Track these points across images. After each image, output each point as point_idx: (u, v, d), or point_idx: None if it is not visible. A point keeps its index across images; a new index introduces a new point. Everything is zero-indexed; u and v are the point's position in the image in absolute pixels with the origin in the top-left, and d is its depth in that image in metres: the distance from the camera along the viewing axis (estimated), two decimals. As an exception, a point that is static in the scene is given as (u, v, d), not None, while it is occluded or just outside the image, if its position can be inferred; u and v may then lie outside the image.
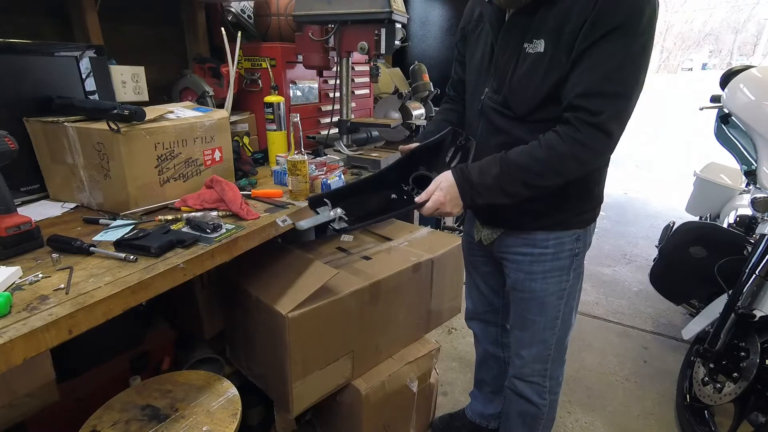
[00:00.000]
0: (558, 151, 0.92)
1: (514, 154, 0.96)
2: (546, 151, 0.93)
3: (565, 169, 0.94)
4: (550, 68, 0.92)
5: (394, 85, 2.52)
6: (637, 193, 5.03)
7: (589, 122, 0.88)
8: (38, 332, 0.67)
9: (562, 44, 0.90)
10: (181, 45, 1.82)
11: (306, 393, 1.29)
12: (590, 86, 0.87)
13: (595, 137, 0.89)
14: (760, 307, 1.54)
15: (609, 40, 0.85)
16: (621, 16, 0.84)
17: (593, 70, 0.87)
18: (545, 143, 0.93)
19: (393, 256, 1.53)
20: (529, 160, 0.94)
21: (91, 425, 0.96)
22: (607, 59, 0.86)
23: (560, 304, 1.17)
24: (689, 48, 30.87)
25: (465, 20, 1.17)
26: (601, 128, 0.88)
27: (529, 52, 0.95)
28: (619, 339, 2.37)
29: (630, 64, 0.87)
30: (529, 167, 0.95)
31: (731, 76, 1.93)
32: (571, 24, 0.88)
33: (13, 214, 0.90)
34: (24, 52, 1.17)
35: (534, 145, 0.95)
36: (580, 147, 0.90)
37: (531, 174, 0.95)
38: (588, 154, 0.92)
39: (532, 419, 1.32)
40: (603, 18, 0.84)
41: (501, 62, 1.02)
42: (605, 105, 0.87)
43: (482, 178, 0.97)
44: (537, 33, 0.93)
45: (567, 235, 1.12)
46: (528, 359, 1.24)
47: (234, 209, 1.13)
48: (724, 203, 2.52)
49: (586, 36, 0.86)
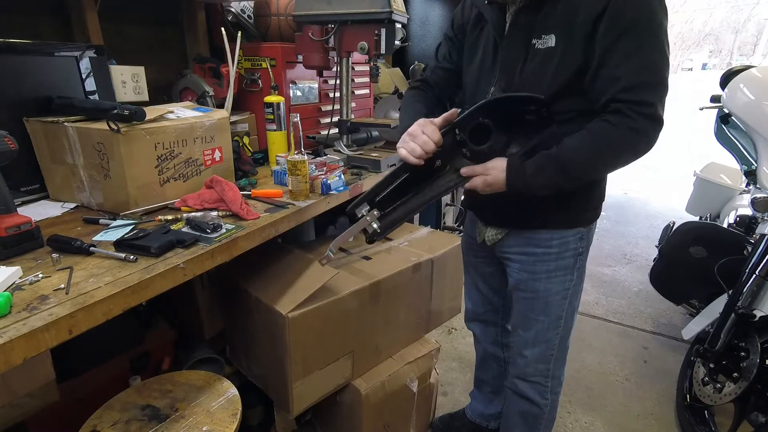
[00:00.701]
0: (614, 141, 0.92)
1: (567, 150, 0.94)
2: (601, 142, 0.93)
3: (620, 160, 0.95)
4: (562, 62, 0.93)
5: (394, 85, 2.52)
6: (637, 193, 5.03)
7: (643, 113, 0.89)
8: (38, 332, 0.67)
9: (574, 38, 0.91)
10: (181, 45, 1.82)
11: (306, 393, 1.29)
12: (631, 80, 0.88)
13: (649, 126, 0.90)
14: (760, 307, 1.54)
15: (634, 31, 0.87)
16: (637, 5, 0.86)
17: (628, 63, 0.88)
18: (599, 134, 0.92)
19: (393, 256, 1.53)
20: (585, 154, 0.94)
21: (91, 425, 0.96)
22: (639, 49, 0.87)
23: (564, 304, 1.17)
24: (689, 48, 30.85)
25: (464, 17, 1.16)
26: (655, 117, 0.90)
27: (538, 47, 0.96)
28: (619, 339, 2.37)
29: (660, 51, 0.89)
30: (586, 162, 0.95)
31: (731, 76, 1.94)
32: (580, 17, 0.89)
33: (13, 214, 0.90)
34: (24, 52, 1.17)
35: (584, 138, 0.94)
36: (636, 135, 0.91)
37: (587, 169, 0.96)
38: (643, 143, 0.92)
39: (534, 419, 1.32)
40: (621, 10, 0.86)
41: (508, 60, 1.02)
42: (652, 95, 0.89)
43: (537, 179, 0.96)
44: (546, 28, 0.94)
45: (571, 234, 1.11)
46: (531, 359, 1.24)
47: (234, 209, 1.13)
48: (724, 203, 2.52)
49: (609, 30, 0.87)
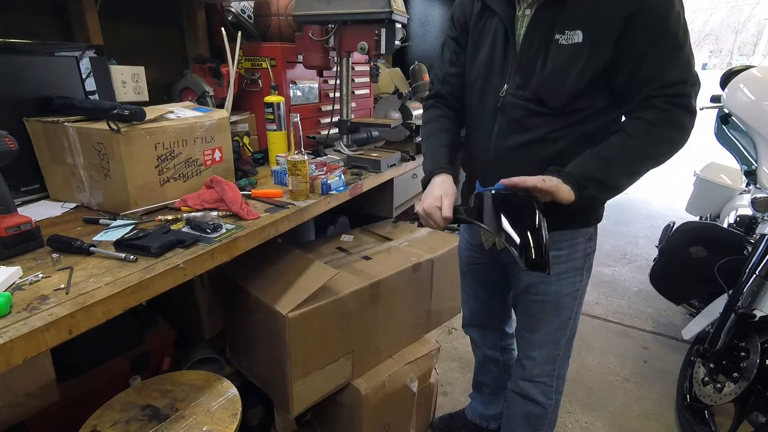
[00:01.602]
0: (654, 137, 0.92)
1: (612, 152, 0.94)
2: (642, 140, 0.93)
3: (662, 155, 0.95)
4: (590, 58, 0.92)
5: (394, 85, 2.52)
6: (637, 193, 5.03)
7: (678, 104, 0.90)
8: (38, 332, 0.67)
9: (603, 34, 0.90)
10: (181, 45, 1.82)
11: (306, 393, 1.29)
12: (667, 78, 0.89)
13: (685, 117, 0.91)
14: (760, 307, 1.54)
15: (668, 33, 0.88)
16: (668, 6, 0.87)
17: (665, 64, 0.89)
18: (638, 133, 0.93)
19: (393, 256, 1.53)
20: (629, 156, 0.94)
21: (91, 425, 0.96)
22: (673, 51, 0.89)
23: (574, 305, 1.17)
24: (689, 48, 30.77)
25: (464, 14, 1.12)
26: (687, 107, 0.91)
27: (562, 43, 0.93)
28: (619, 339, 2.37)
29: (689, 50, 0.90)
30: (632, 163, 0.95)
31: (731, 76, 1.93)
32: (610, 13, 0.88)
33: (13, 214, 0.90)
34: (24, 52, 1.17)
35: (623, 138, 0.94)
36: (674, 128, 0.92)
37: (632, 170, 0.96)
38: (681, 135, 0.93)
39: (537, 420, 1.31)
40: (653, 11, 0.87)
41: (526, 56, 0.98)
42: (684, 88, 0.90)
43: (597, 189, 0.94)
44: (571, 24, 0.92)
45: (580, 234, 1.11)
46: (539, 360, 1.23)
47: (234, 209, 1.13)
48: (724, 203, 2.53)
49: (644, 31, 0.88)
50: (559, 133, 0.99)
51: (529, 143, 1.01)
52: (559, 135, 0.99)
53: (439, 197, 1.01)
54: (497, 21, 1.02)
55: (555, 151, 1.00)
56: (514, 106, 1.02)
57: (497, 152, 1.06)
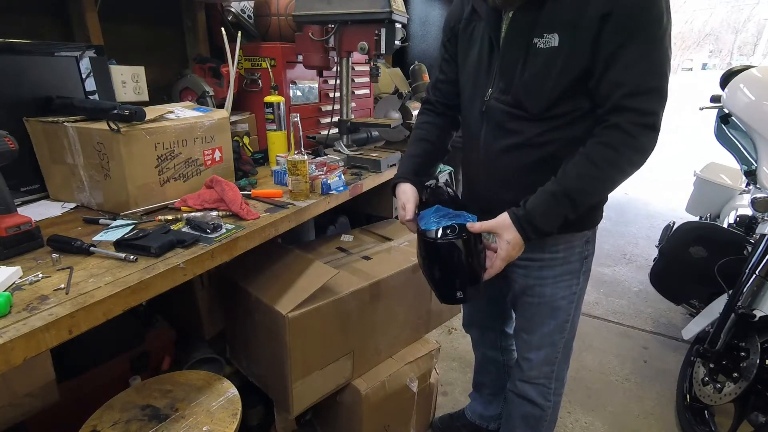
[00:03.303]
0: (617, 163, 0.91)
1: (571, 181, 0.92)
2: (604, 167, 0.91)
3: (623, 177, 0.94)
4: (567, 62, 0.89)
5: (394, 85, 2.52)
6: (637, 193, 5.03)
7: (643, 123, 0.87)
8: (38, 332, 0.67)
9: (580, 37, 0.87)
10: (181, 45, 1.82)
11: (306, 393, 1.29)
12: (636, 84, 0.86)
13: (649, 138, 0.89)
14: (760, 307, 1.54)
15: (642, 35, 0.84)
16: (646, 8, 0.83)
17: (634, 68, 0.85)
18: (600, 159, 0.90)
19: (393, 256, 1.53)
20: (590, 183, 0.93)
21: (91, 425, 0.96)
22: (646, 54, 0.85)
23: (571, 308, 1.16)
24: (689, 48, 30.83)
25: (454, 18, 1.11)
26: (654, 127, 0.88)
27: (540, 47, 0.91)
28: (619, 339, 2.37)
29: (664, 55, 0.86)
30: (593, 190, 0.94)
31: (731, 76, 1.93)
32: (587, 15, 0.85)
33: (13, 214, 0.90)
34: (24, 52, 1.17)
35: (585, 165, 0.92)
36: (635, 152, 0.90)
37: (594, 195, 0.96)
38: (643, 157, 0.91)
39: (536, 421, 1.30)
40: (629, 11, 0.83)
41: (507, 60, 0.98)
42: (653, 102, 0.87)
43: (547, 221, 0.94)
44: (549, 27, 0.90)
45: (577, 238, 1.10)
46: (536, 362, 1.23)
47: (234, 209, 1.13)
48: (724, 203, 2.52)
49: (617, 32, 0.84)
50: (545, 138, 0.97)
51: (514, 147, 1.00)
52: (545, 139, 0.97)
53: (403, 205, 1.10)
54: (484, 25, 1.01)
55: (543, 155, 0.99)
56: (497, 110, 1.02)
57: (487, 155, 1.07)
